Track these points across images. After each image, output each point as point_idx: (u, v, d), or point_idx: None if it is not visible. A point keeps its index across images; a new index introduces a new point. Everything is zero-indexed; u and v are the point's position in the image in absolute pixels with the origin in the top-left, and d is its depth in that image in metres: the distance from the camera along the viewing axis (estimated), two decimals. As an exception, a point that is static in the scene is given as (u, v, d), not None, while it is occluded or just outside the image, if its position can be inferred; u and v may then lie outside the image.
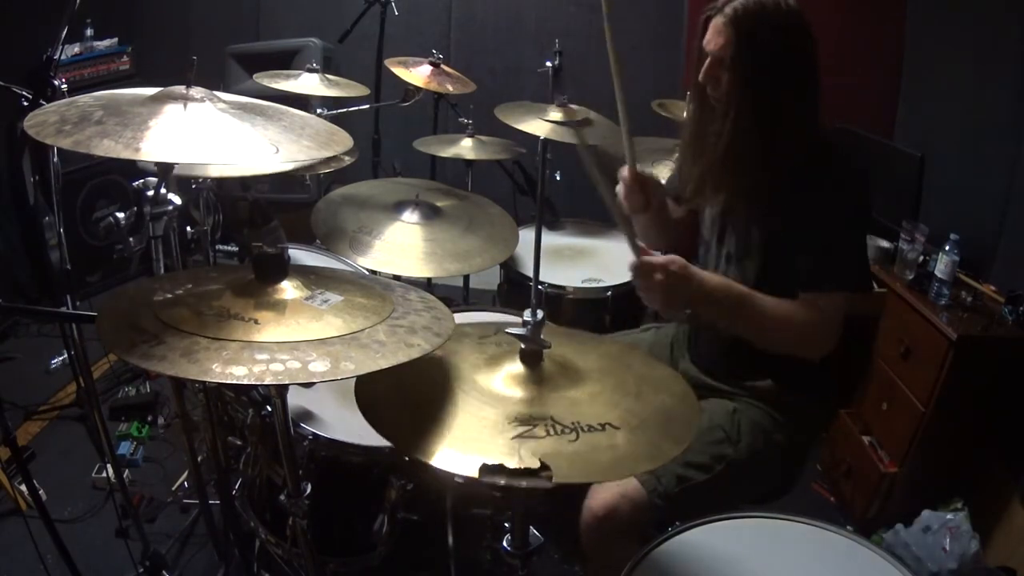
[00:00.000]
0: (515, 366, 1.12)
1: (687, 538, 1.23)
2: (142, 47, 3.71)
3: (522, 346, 1.12)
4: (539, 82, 2.23)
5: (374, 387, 1.11)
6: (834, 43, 3.04)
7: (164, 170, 1.42)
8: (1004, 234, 2.41)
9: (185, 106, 1.15)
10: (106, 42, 3.53)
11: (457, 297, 2.71)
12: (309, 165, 2.17)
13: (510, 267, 2.45)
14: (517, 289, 2.43)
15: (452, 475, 0.95)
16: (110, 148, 1.00)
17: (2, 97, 1.62)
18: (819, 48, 1.40)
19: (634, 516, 1.42)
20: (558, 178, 2.68)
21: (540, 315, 1.12)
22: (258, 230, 2.11)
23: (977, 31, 2.68)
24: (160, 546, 1.97)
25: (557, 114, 2.14)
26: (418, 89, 2.57)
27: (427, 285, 2.61)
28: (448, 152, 2.58)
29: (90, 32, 3.46)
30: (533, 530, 1.15)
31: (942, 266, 2.21)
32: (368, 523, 1.57)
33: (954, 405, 2.12)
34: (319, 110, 2.31)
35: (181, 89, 1.18)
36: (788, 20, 1.38)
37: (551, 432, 0.99)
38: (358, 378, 1.12)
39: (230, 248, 3.14)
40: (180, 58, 1.23)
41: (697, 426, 1.07)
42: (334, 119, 1.99)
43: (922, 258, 2.39)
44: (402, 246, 1.82)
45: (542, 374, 1.12)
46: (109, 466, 2.13)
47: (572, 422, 1.01)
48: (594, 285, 2.33)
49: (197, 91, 1.18)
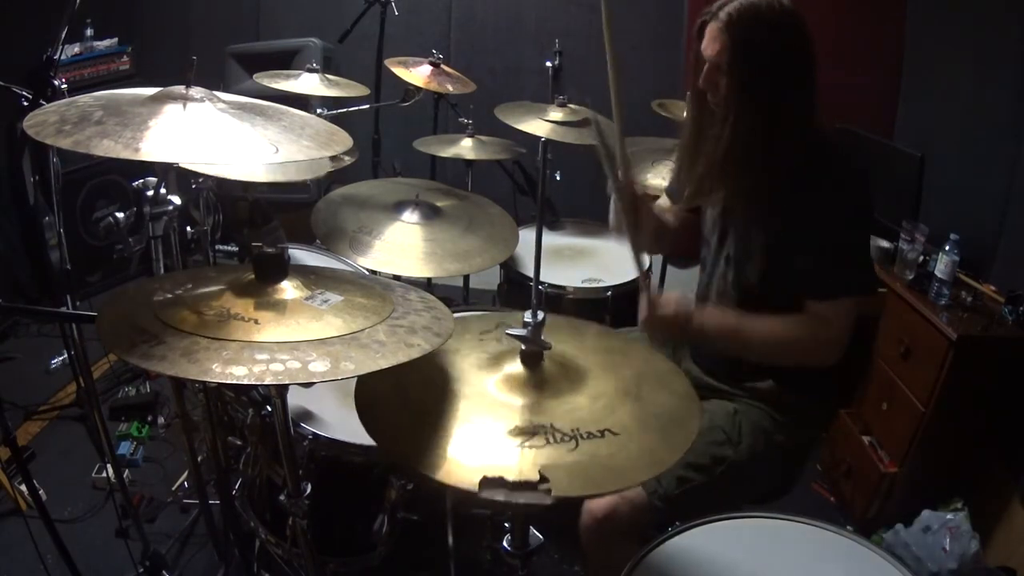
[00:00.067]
0: (515, 366, 1.12)
1: (687, 539, 1.23)
2: (142, 47, 3.71)
3: (522, 347, 1.12)
4: (539, 82, 2.23)
5: (374, 393, 1.11)
6: (834, 43, 3.04)
7: (164, 170, 1.43)
8: (1004, 234, 2.41)
9: (185, 106, 1.14)
10: (106, 42, 3.53)
11: (457, 297, 2.71)
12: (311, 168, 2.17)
13: (510, 267, 2.45)
14: (517, 289, 2.44)
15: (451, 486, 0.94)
16: (110, 148, 1.00)
17: (2, 97, 1.62)
18: (816, 47, 1.40)
19: (634, 518, 1.42)
20: (558, 178, 2.68)
21: (540, 316, 1.12)
22: (258, 230, 2.11)
23: (977, 31, 2.68)
24: (160, 546, 1.97)
25: (557, 114, 2.14)
26: (418, 89, 2.57)
27: (427, 285, 2.61)
28: (448, 152, 2.58)
29: (90, 32, 3.45)
30: (533, 530, 1.15)
31: (942, 266, 2.20)
32: (368, 523, 1.57)
33: (954, 405, 2.12)
34: (319, 110, 2.31)
35: (181, 89, 1.18)
36: (783, 21, 1.38)
37: (551, 440, 0.98)
38: (358, 385, 1.12)
39: (230, 248, 3.13)
40: (180, 58, 1.23)
41: (698, 431, 1.07)
42: (334, 119, 2.00)
43: (922, 258, 2.38)
44: (402, 246, 1.82)
45: (542, 374, 1.12)
46: (109, 466, 2.13)
47: (572, 429, 1.00)
48: (594, 285, 2.33)
49: (197, 91, 1.18)
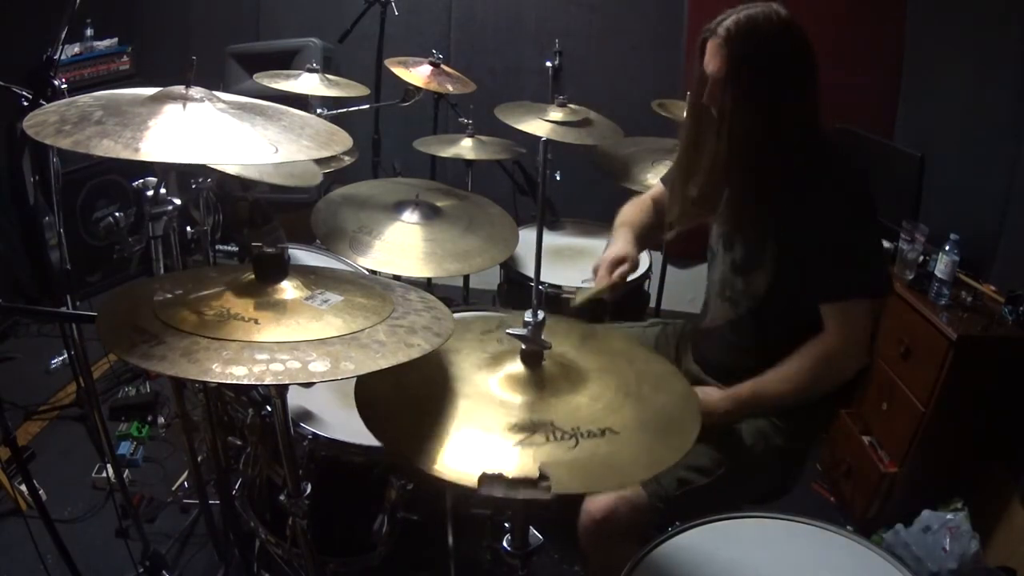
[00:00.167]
0: (516, 366, 1.12)
1: (687, 538, 1.23)
2: (142, 47, 3.71)
3: (523, 347, 1.12)
4: (539, 82, 2.23)
5: (374, 391, 1.11)
6: (834, 43, 3.04)
7: (164, 170, 1.43)
8: (1004, 234, 2.41)
9: (184, 106, 1.15)
10: (106, 42, 3.52)
11: (457, 297, 2.71)
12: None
13: (510, 267, 2.45)
14: (517, 289, 2.43)
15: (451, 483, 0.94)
16: (110, 148, 1.00)
17: (2, 97, 1.62)
18: (818, 49, 1.40)
19: (633, 518, 1.42)
20: (558, 178, 2.68)
21: (541, 315, 1.12)
22: (258, 230, 2.11)
23: (977, 31, 2.68)
24: (160, 546, 1.97)
25: (557, 114, 2.14)
26: (418, 89, 2.57)
27: (427, 285, 2.61)
28: (448, 152, 2.58)
29: (90, 32, 3.45)
30: (533, 530, 1.15)
31: (942, 266, 2.20)
32: (368, 523, 1.57)
33: (954, 405, 2.12)
34: (319, 110, 2.31)
35: (181, 89, 1.18)
36: (781, 31, 1.39)
37: (551, 438, 0.98)
38: (358, 381, 1.12)
39: (230, 248, 3.13)
40: (180, 58, 1.23)
41: (697, 430, 1.07)
42: (334, 119, 1.99)
43: (922, 258, 2.38)
44: (402, 246, 1.82)
45: (543, 374, 1.12)
46: (109, 466, 2.13)
47: (572, 427, 1.00)
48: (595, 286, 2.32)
49: (197, 91, 1.18)
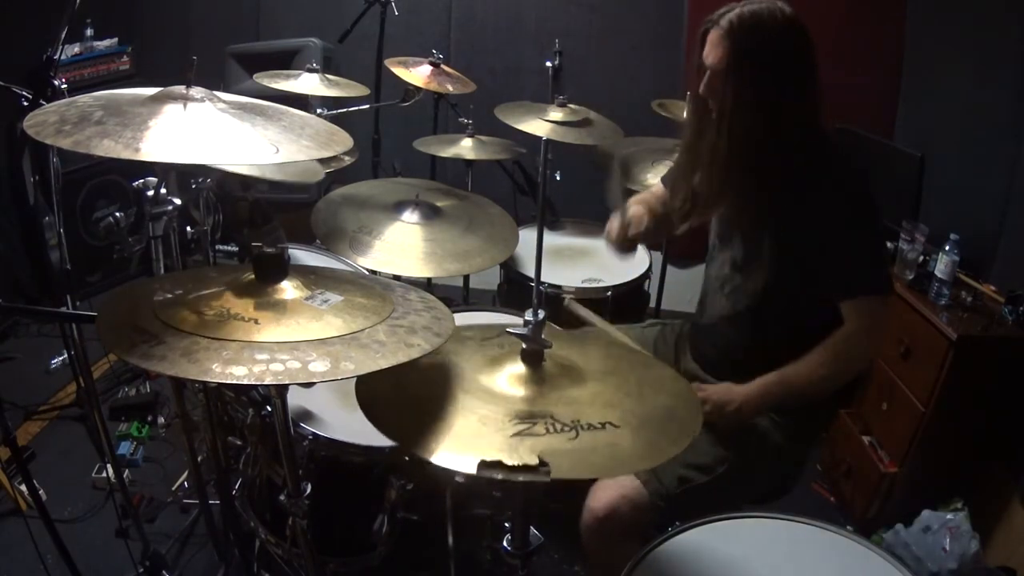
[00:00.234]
0: (516, 366, 1.13)
1: (687, 538, 1.23)
2: (142, 47, 3.71)
3: (523, 346, 1.12)
4: (539, 82, 2.23)
5: (375, 386, 1.11)
6: (834, 43, 3.04)
7: (164, 170, 1.43)
8: (1004, 234, 2.41)
9: (185, 106, 1.14)
10: (106, 42, 3.52)
11: (457, 297, 2.71)
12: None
13: (510, 267, 2.45)
14: (517, 289, 2.43)
15: (452, 473, 0.94)
16: (110, 148, 1.00)
17: (2, 97, 1.62)
18: (818, 50, 1.40)
19: (635, 516, 1.42)
20: (558, 178, 2.68)
21: (541, 315, 1.12)
22: (258, 230, 2.11)
23: (977, 31, 2.68)
24: (160, 546, 1.97)
25: (557, 114, 2.14)
26: (418, 89, 2.57)
27: (427, 285, 2.61)
28: (448, 152, 2.58)
29: (90, 32, 3.45)
30: (533, 530, 1.15)
31: (942, 266, 2.21)
32: (368, 523, 1.57)
33: (954, 405, 2.12)
34: (319, 110, 2.31)
35: (181, 89, 1.18)
36: (785, 28, 1.39)
37: (551, 430, 0.99)
38: (359, 380, 1.12)
39: (230, 248, 3.13)
40: (180, 58, 1.23)
41: (698, 429, 1.07)
42: (334, 119, 1.99)
43: (922, 258, 2.38)
44: (402, 246, 1.82)
45: (543, 374, 1.12)
46: (109, 466, 2.13)
47: (572, 420, 1.01)
48: (594, 285, 2.33)
49: (197, 91, 1.18)
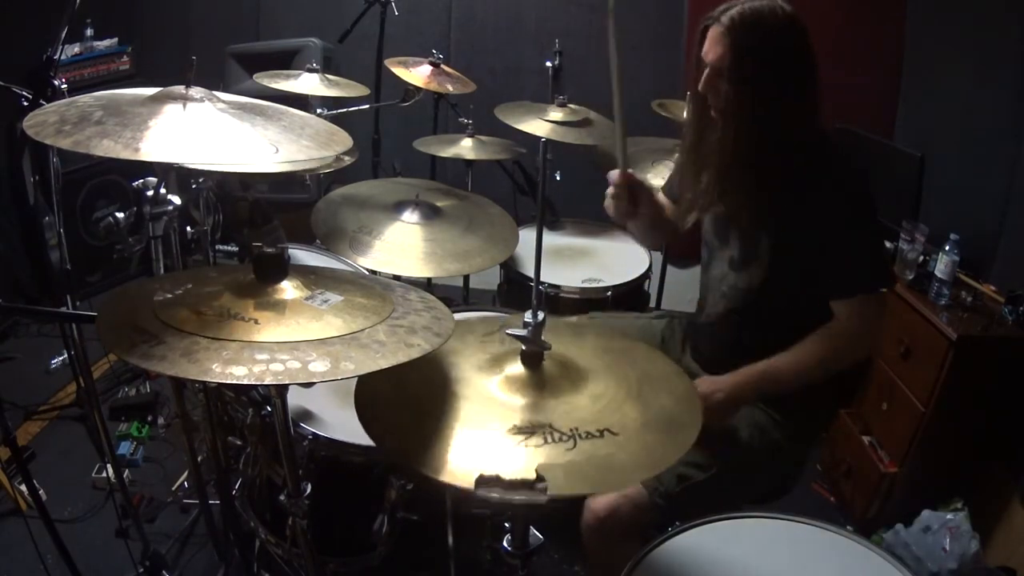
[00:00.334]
0: (516, 366, 1.12)
1: (687, 538, 1.23)
2: (142, 47, 3.71)
3: (523, 347, 1.12)
4: (539, 82, 2.23)
5: (373, 394, 1.11)
6: (834, 43, 3.04)
7: (164, 170, 1.43)
8: (1004, 234, 2.41)
9: (185, 106, 1.14)
10: (106, 42, 3.52)
11: (457, 297, 2.71)
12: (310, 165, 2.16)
13: (510, 267, 2.45)
14: (517, 289, 2.43)
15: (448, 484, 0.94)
16: (110, 148, 1.00)
17: (2, 97, 1.62)
18: (818, 49, 1.40)
19: (635, 516, 1.42)
20: (558, 178, 2.68)
21: (541, 316, 1.11)
22: (258, 230, 2.11)
23: (977, 31, 2.68)
24: (160, 546, 1.97)
25: (557, 114, 2.14)
26: (418, 89, 2.57)
27: (427, 285, 2.61)
28: (448, 152, 2.58)
29: (90, 32, 3.45)
30: (533, 530, 1.15)
31: (942, 266, 2.20)
32: (368, 523, 1.57)
33: (954, 405, 2.12)
34: (319, 110, 2.31)
35: (181, 89, 1.18)
36: (785, 26, 1.38)
37: (549, 440, 0.98)
38: (358, 383, 1.12)
39: (230, 248, 3.13)
40: (180, 58, 1.23)
41: (697, 431, 1.07)
42: (334, 119, 2.00)
43: (922, 258, 2.38)
44: (402, 246, 1.82)
45: (543, 375, 1.12)
46: (109, 466, 2.13)
47: (570, 428, 1.00)
48: (594, 285, 2.33)
49: (197, 91, 1.18)
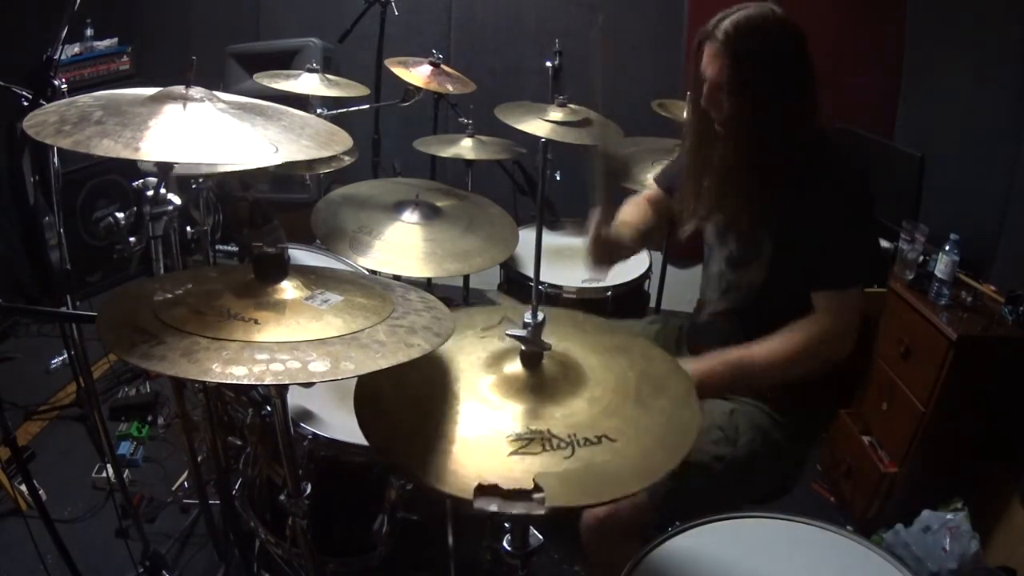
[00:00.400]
0: (515, 366, 1.12)
1: (687, 538, 1.23)
2: (142, 47, 3.71)
3: (522, 348, 1.12)
4: (539, 82, 2.22)
5: (372, 397, 1.11)
6: (834, 43, 3.04)
7: (164, 170, 1.43)
8: (1004, 234, 2.41)
9: (185, 106, 1.14)
10: (106, 42, 3.52)
11: (457, 297, 2.71)
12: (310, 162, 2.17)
13: (510, 267, 2.45)
14: (517, 289, 2.43)
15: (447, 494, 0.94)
16: (110, 148, 1.00)
17: (2, 97, 1.62)
18: (817, 49, 1.41)
19: (635, 516, 1.42)
20: (558, 178, 2.68)
21: (541, 316, 1.11)
22: (258, 230, 2.11)
23: (977, 31, 2.68)
24: (160, 546, 1.97)
25: (557, 114, 2.13)
26: (418, 89, 2.57)
27: (427, 285, 2.61)
28: (448, 152, 2.58)
29: (90, 32, 3.45)
30: (533, 530, 1.15)
31: (942, 266, 2.21)
32: (368, 523, 1.57)
33: (954, 405, 2.12)
34: (319, 110, 2.31)
35: (181, 89, 1.18)
36: (780, 30, 1.39)
37: (547, 447, 0.98)
38: (357, 386, 1.12)
39: (230, 248, 3.13)
40: (180, 58, 1.23)
41: (696, 433, 1.06)
42: (334, 119, 1.99)
43: (922, 258, 2.38)
44: (402, 246, 1.82)
45: (542, 374, 1.11)
46: (109, 466, 2.13)
47: (569, 435, 1.00)
48: (594, 285, 2.33)
49: (197, 91, 1.18)
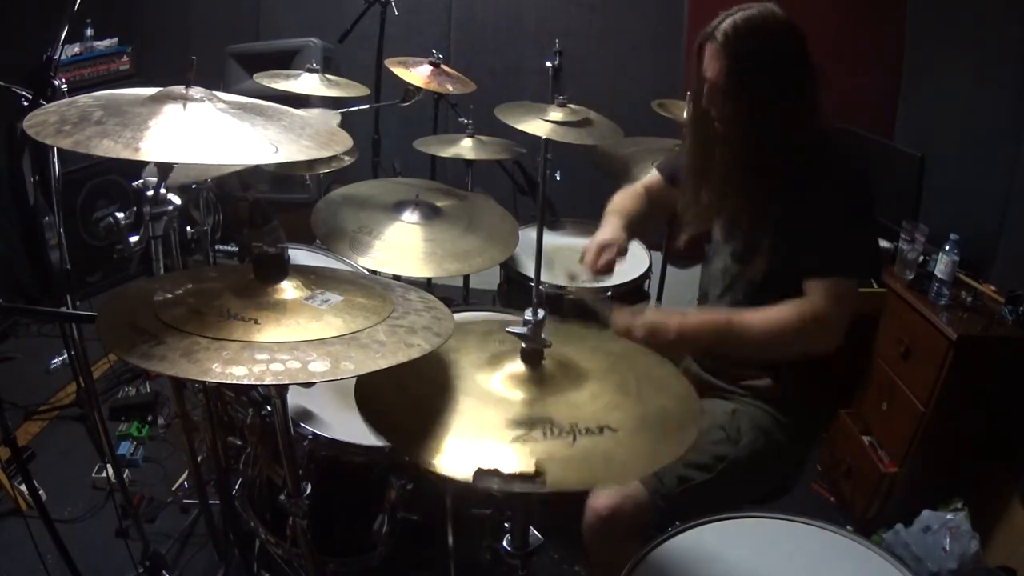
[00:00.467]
0: (516, 365, 1.12)
1: (688, 538, 1.23)
2: (142, 47, 3.71)
3: (523, 345, 1.12)
4: (539, 82, 2.22)
5: (374, 387, 1.11)
6: (834, 43, 3.04)
7: (164, 170, 1.42)
8: (1004, 234, 2.41)
9: (185, 106, 1.14)
10: (106, 42, 3.53)
11: (457, 297, 2.71)
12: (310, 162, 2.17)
13: (510, 267, 2.45)
14: (517, 289, 2.43)
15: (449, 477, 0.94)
16: (110, 148, 1.00)
17: (2, 97, 1.62)
18: (817, 49, 1.41)
19: (636, 516, 1.42)
20: (558, 178, 2.68)
21: (541, 315, 1.12)
22: (258, 230, 2.10)
23: (977, 31, 2.68)
24: (160, 546, 1.97)
25: (557, 114, 2.13)
26: (418, 89, 2.57)
27: (427, 285, 2.60)
28: (448, 152, 2.58)
29: (90, 32, 3.45)
30: (533, 530, 1.15)
31: (942, 266, 2.21)
32: (368, 523, 1.56)
33: (954, 405, 2.12)
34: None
35: (181, 89, 1.18)
36: (781, 30, 1.39)
37: (548, 435, 0.98)
38: (358, 377, 1.12)
39: (230, 248, 3.13)
40: (180, 58, 1.23)
41: (696, 432, 1.07)
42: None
43: (922, 258, 2.39)
44: (402, 246, 1.82)
45: (543, 373, 1.12)
46: (109, 466, 2.13)
47: (570, 424, 1.00)
48: (594, 285, 2.32)
49: (197, 91, 1.18)
